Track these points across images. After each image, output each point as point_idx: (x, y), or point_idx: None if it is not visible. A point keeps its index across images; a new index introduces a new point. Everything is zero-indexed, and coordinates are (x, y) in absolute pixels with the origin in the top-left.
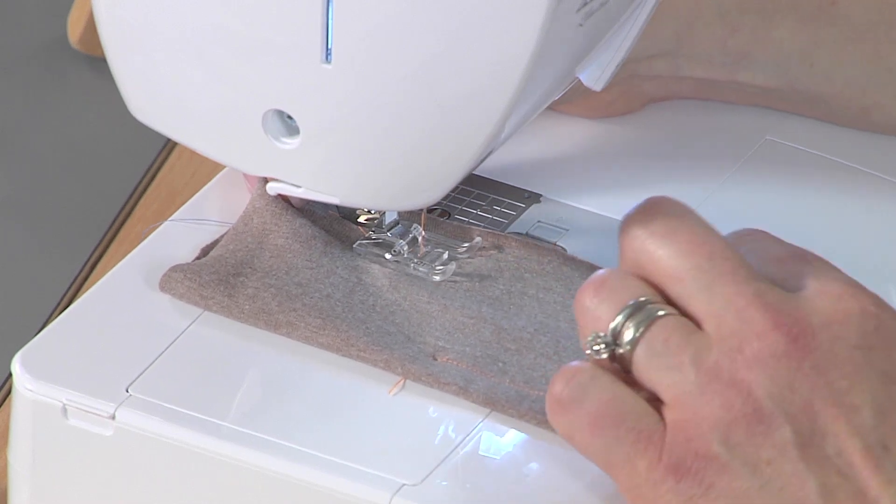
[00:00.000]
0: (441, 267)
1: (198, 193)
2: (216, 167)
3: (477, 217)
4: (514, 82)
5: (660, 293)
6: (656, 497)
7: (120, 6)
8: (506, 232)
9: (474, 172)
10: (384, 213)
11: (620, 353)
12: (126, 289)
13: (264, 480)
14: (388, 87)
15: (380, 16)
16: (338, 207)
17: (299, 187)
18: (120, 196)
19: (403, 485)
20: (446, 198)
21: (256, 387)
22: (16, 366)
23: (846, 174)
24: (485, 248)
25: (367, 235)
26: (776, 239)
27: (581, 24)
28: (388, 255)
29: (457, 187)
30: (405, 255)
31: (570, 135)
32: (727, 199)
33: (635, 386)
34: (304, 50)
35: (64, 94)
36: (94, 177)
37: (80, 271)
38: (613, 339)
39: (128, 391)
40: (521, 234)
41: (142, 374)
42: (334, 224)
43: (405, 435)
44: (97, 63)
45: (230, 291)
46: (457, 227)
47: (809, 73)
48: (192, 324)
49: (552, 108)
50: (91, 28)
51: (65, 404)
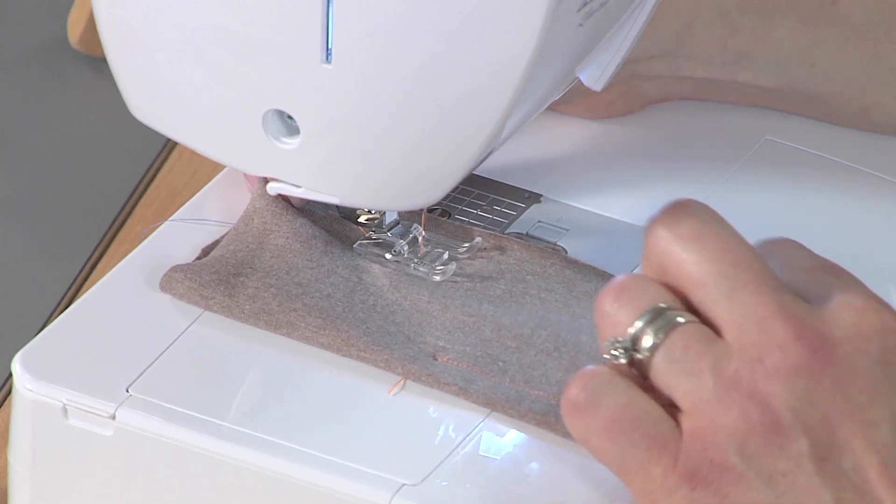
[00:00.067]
0: (441, 267)
1: (198, 193)
2: (216, 167)
3: (477, 217)
4: (514, 82)
5: (681, 298)
6: None
7: (120, 6)
8: (506, 232)
9: (474, 172)
10: (384, 213)
11: (639, 359)
12: (126, 289)
13: (264, 480)
14: (388, 87)
15: (380, 16)
16: (338, 207)
17: (299, 187)
18: (120, 196)
19: (403, 485)
20: (446, 198)
21: (256, 387)
22: (16, 366)
23: (846, 174)
24: (485, 248)
25: (367, 235)
26: (806, 249)
27: (581, 24)
28: (388, 255)
29: (457, 187)
30: (405, 255)
31: (570, 135)
32: (727, 199)
33: (652, 392)
34: (304, 50)
35: (64, 94)
36: (94, 177)
37: (80, 271)
38: (632, 345)
39: (128, 391)
40: (521, 234)
41: (142, 374)
42: (334, 224)
43: (405, 435)
44: (97, 63)
45: (231, 291)
46: (457, 227)
47: (809, 73)
48: (192, 324)
49: (552, 108)
50: (91, 28)
51: (65, 404)
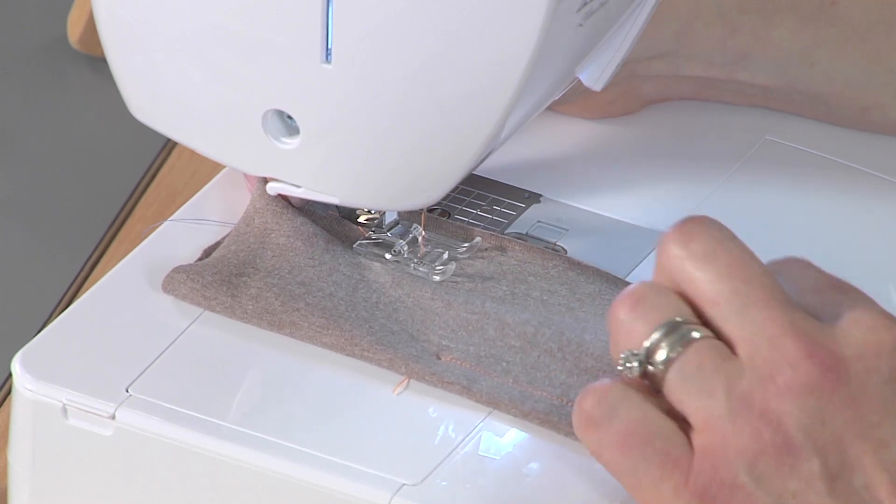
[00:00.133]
0: (441, 267)
1: (198, 193)
2: (216, 167)
3: (477, 217)
4: (514, 82)
5: (695, 312)
6: None
7: (120, 6)
8: (505, 232)
9: (474, 172)
10: (384, 213)
11: (652, 372)
12: (126, 289)
13: (264, 480)
14: (388, 87)
15: (380, 16)
16: (338, 207)
17: (299, 187)
18: (120, 196)
19: (403, 485)
20: (446, 198)
21: (256, 387)
22: (16, 366)
23: (846, 174)
24: (486, 248)
25: (367, 235)
26: (815, 268)
27: (581, 24)
28: (388, 255)
29: (457, 187)
30: (405, 255)
31: (570, 135)
32: (727, 199)
33: (662, 399)
34: (304, 50)
35: (64, 94)
36: (94, 177)
37: (80, 271)
38: (647, 357)
39: (128, 391)
40: (521, 234)
41: (142, 374)
42: (334, 224)
43: (405, 435)
44: (97, 63)
45: (233, 292)
46: (457, 227)
47: (809, 73)
48: (192, 324)
49: (552, 108)
50: (91, 28)
51: (65, 404)
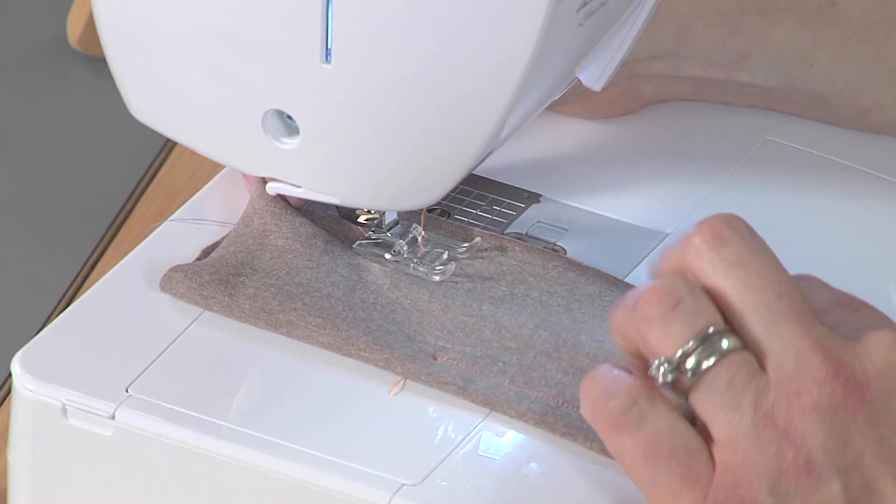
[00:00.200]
0: (441, 267)
1: (198, 193)
2: (216, 167)
3: (477, 217)
4: (514, 82)
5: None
6: None
7: (120, 6)
8: (505, 232)
9: (474, 172)
10: (384, 213)
11: (679, 377)
12: (126, 289)
13: (264, 480)
14: (387, 87)
15: (380, 16)
16: (337, 207)
17: (299, 187)
18: (120, 196)
19: (403, 485)
20: (446, 198)
21: (256, 387)
22: (16, 366)
23: (846, 174)
24: (485, 249)
25: (366, 235)
26: (824, 285)
27: (581, 24)
28: (387, 255)
29: (457, 187)
30: (405, 255)
31: (570, 135)
32: (727, 199)
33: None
34: (304, 50)
35: (64, 94)
36: (94, 177)
37: (80, 271)
38: (678, 364)
39: (127, 391)
40: (520, 234)
41: (142, 373)
42: (334, 224)
43: (405, 435)
44: (97, 63)
45: (230, 291)
46: (457, 227)
47: (809, 73)
48: (192, 324)
49: (552, 108)
50: (91, 28)
51: (64, 404)
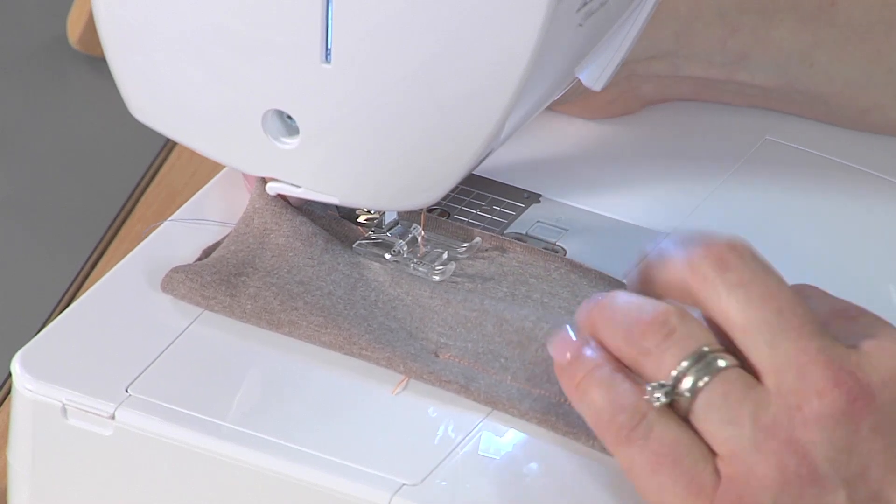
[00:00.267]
0: (441, 267)
1: (198, 193)
2: (216, 167)
3: (477, 217)
4: (514, 82)
5: (720, 335)
6: None
7: (120, 6)
8: (505, 232)
9: (474, 172)
10: (384, 213)
11: (677, 400)
12: (126, 289)
13: (264, 480)
14: (387, 87)
15: (380, 16)
16: (337, 207)
17: (299, 187)
18: (120, 196)
19: (403, 485)
20: (446, 198)
21: (256, 387)
22: (16, 366)
23: (846, 174)
24: (486, 249)
25: (366, 235)
26: (822, 294)
27: (581, 24)
28: (387, 255)
29: (457, 187)
30: (405, 255)
31: (570, 135)
32: (727, 199)
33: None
34: (304, 50)
35: (64, 94)
36: (94, 177)
37: (80, 271)
38: (673, 386)
39: (127, 391)
40: (520, 234)
41: (141, 373)
42: (333, 224)
43: (405, 435)
44: (97, 63)
45: (232, 291)
46: (456, 227)
47: (809, 73)
48: (191, 324)
49: (552, 108)
50: (91, 28)
51: (64, 404)
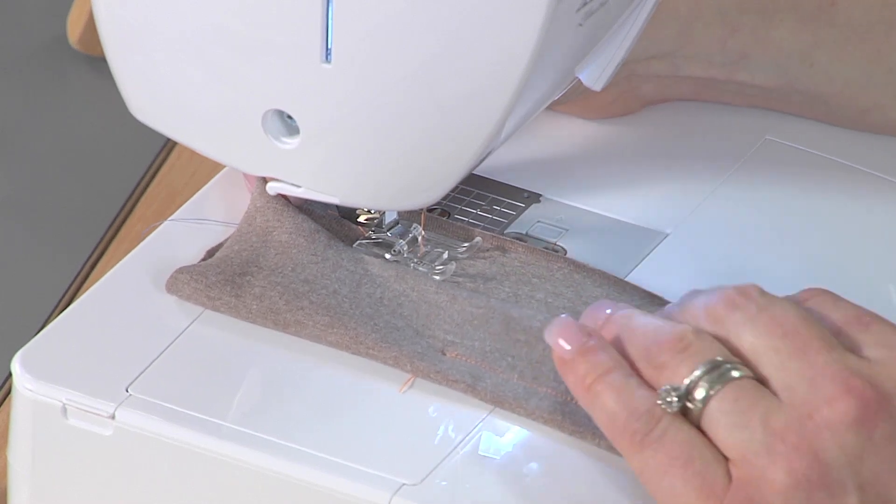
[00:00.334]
0: (441, 267)
1: (198, 193)
2: (216, 167)
3: (477, 217)
4: (514, 82)
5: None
6: None
7: (120, 6)
8: (505, 232)
9: (474, 172)
10: (384, 212)
11: (689, 408)
12: (126, 288)
13: (264, 480)
14: (387, 87)
15: (380, 16)
16: (338, 207)
17: (299, 187)
18: (120, 196)
19: (403, 485)
20: (446, 198)
21: (256, 386)
22: (16, 366)
23: (846, 174)
24: (486, 249)
25: (366, 235)
26: (835, 301)
27: (581, 24)
28: (387, 255)
29: (457, 187)
30: (405, 255)
31: (570, 135)
32: (727, 199)
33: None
34: (304, 50)
35: (64, 94)
36: (94, 177)
37: (80, 271)
38: (686, 394)
39: (128, 391)
40: (520, 234)
41: (142, 373)
42: (334, 224)
43: (405, 435)
44: (97, 63)
45: (237, 291)
46: (457, 226)
47: (809, 73)
48: (192, 323)
49: (552, 108)
50: (91, 28)
51: (64, 404)
